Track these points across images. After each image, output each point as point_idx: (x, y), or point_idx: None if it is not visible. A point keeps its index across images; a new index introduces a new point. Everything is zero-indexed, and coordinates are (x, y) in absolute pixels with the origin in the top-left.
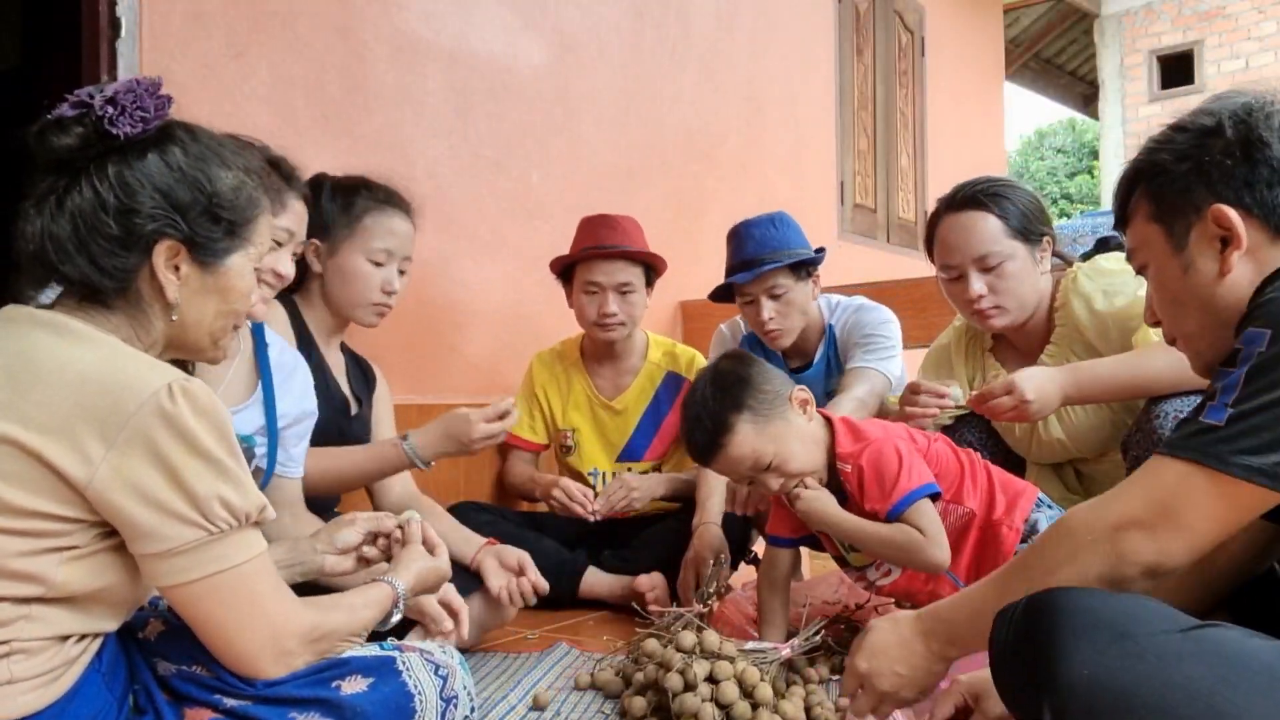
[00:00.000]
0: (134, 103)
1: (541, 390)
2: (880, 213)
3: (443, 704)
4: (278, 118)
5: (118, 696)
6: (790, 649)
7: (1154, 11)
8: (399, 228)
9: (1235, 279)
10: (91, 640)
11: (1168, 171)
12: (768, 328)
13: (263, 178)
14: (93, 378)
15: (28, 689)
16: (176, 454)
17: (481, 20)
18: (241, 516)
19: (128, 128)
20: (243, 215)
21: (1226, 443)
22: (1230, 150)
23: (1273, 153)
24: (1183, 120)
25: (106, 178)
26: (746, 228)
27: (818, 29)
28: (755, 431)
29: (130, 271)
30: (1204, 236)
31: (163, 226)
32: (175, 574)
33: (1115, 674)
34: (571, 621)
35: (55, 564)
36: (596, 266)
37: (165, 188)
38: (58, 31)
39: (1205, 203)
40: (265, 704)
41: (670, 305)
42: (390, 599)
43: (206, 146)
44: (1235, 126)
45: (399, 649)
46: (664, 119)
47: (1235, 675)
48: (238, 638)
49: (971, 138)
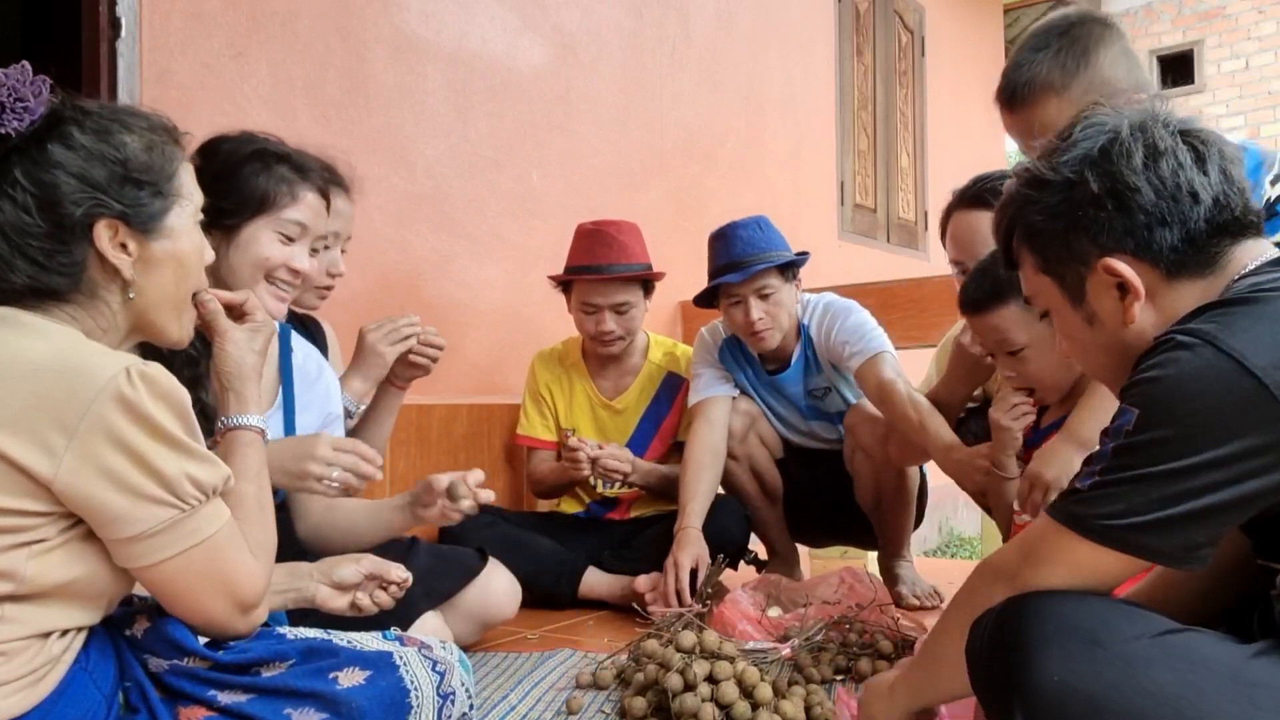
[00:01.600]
0: (11, 96)
1: (546, 389)
2: (880, 213)
3: (439, 700)
4: (278, 118)
5: (106, 694)
6: (790, 649)
7: (1154, 11)
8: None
9: (1140, 325)
10: (75, 636)
11: (1044, 231)
12: (756, 327)
13: (169, 130)
14: (48, 368)
15: (10, 691)
16: (140, 438)
17: (481, 20)
18: (209, 490)
19: (15, 123)
20: (162, 172)
21: (1087, 505)
22: (1100, 203)
23: (1144, 197)
24: (1041, 173)
25: (16, 181)
26: (733, 229)
27: (818, 29)
28: (1021, 320)
29: (78, 264)
30: (1100, 287)
31: (90, 209)
32: (150, 554)
33: (1085, 680)
34: (571, 621)
35: (24, 559)
36: (592, 288)
37: (78, 170)
38: (58, 31)
39: (1091, 255)
40: (261, 698)
41: (670, 305)
42: (260, 446)
43: (102, 117)
44: (1099, 178)
45: (400, 640)
46: (664, 119)
47: (1202, 680)
48: (210, 605)
49: (971, 138)
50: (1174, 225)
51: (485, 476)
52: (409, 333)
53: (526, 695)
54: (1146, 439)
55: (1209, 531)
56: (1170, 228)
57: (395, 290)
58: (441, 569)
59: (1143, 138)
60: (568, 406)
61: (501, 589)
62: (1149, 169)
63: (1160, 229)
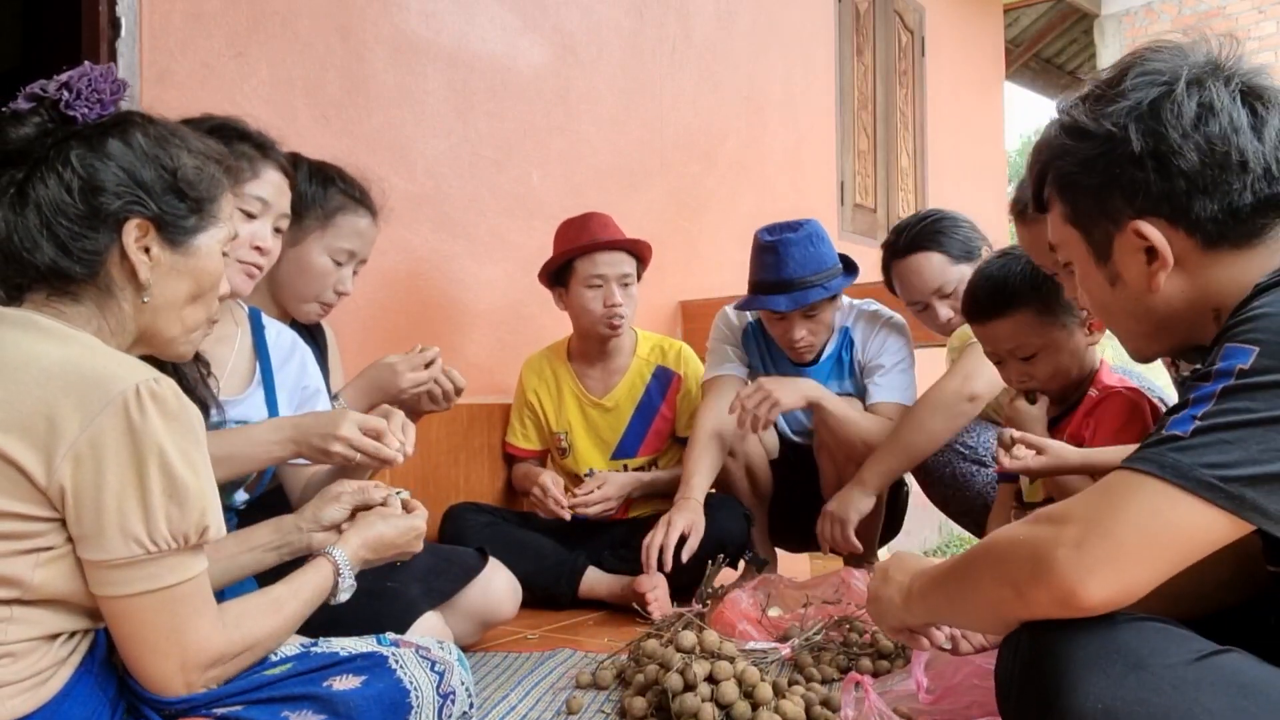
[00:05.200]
0: (89, 87)
1: (534, 395)
2: (880, 213)
3: (439, 699)
4: (278, 118)
5: (110, 697)
6: (790, 649)
7: (1154, 11)
8: (366, 230)
9: (1167, 293)
10: (81, 638)
11: (1077, 183)
12: (799, 345)
13: (222, 160)
14: (58, 374)
15: (16, 692)
16: (131, 464)
17: (481, 20)
18: (181, 538)
19: (85, 109)
20: (207, 193)
21: (1187, 453)
22: (1140, 162)
23: (1187, 162)
24: (1083, 122)
25: (68, 161)
26: (785, 246)
27: (818, 29)
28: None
29: (99, 254)
30: (1127, 249)
31: (128, 204)
32: (107, 585)
33: (1131, 706)
34: (571, 621)
35: (31, 566)
36: (598, 259)
37: (129, 166)
38: (58, 31)
39: (1123, 215)
40: (257, 705)
41: (670, 305)
42: (329, 576)
43: (165, 130)
44: (1143, 135)
45: (395, 645)
46: (664, 119)
47: (1255, 706)
48: (150, 658)
49: (971, 138)
50: (1215, 195)
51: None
52: (430, 357)
53: (526, 695)
54: (1270, 380)
55: None
56: (1211, 197)
57: (395, 290)
58: (441, 569)
59: (1198, 94)
60: (557, 409)
61: (501, 589)
62: (1198, 130)
63: (1200, 198)
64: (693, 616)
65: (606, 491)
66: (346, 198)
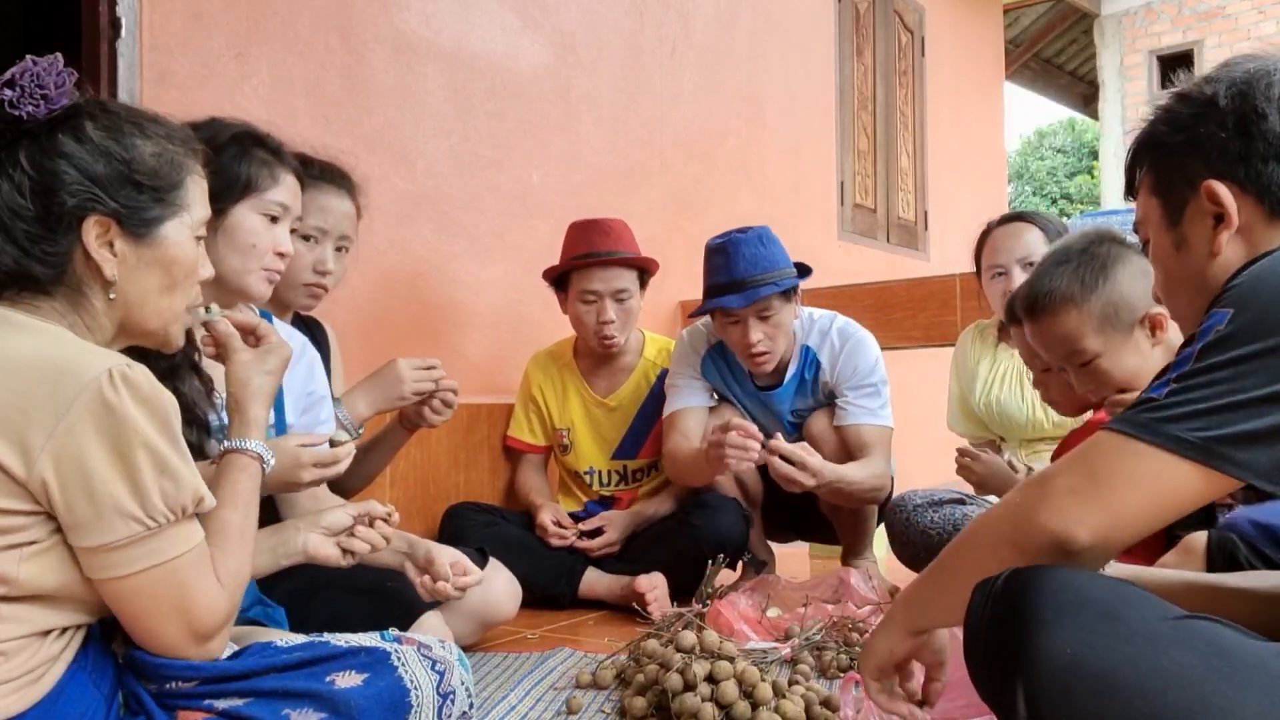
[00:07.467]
0: (31, 82)
1: (539, 391)
2: (880, 213)
3: (440, 699)
4: (278, 118)
5: (105, 694)
6: (790, 649)
7: (1154, 11)
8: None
9: (1226, 260)
10: (73, 635)
11: (1164, 144)
12: (755, 350)
13: (187, 142)
14: (30, 365)
15: (8, 690)
16: (116, 445)
17: (481, 20)
18: (178, 509)
19: (30, 107)
20: (169, 179)
21: (1159, 411)
22: (1225, 123)
23: (1269, 125)
24: (1187, 88)
25: (18, 162)
26: (734, 246)
27: (818, 29)
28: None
29: (62, 254)
30: (1198, 213)
31: (84, 202)
32: (110, 568)
33: (1099, 654)
34: (571, 621)
35: (15, 561)
36: (593, 274)
37: (81, 163)
38: (58, 31)
39: (1199, 177)
40: (258, 700)
41: (670, 305)
42: (255, 473)
43: (120, 117)
44: (1232, 99)
45: (398, 641)
46: (664, 119)
47: (1229, 668)
48: (163, 629)
49: (971, 138)
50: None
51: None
52: (433, 363)
53: (526, 695)
54: (1238, 332)
55: None
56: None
57: (395, 290)
58: None
59: None
60: (561, 406)
61: (501, 589)
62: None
63: (1276, 164)
64: (693, 616)
65: (609, 536)
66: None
